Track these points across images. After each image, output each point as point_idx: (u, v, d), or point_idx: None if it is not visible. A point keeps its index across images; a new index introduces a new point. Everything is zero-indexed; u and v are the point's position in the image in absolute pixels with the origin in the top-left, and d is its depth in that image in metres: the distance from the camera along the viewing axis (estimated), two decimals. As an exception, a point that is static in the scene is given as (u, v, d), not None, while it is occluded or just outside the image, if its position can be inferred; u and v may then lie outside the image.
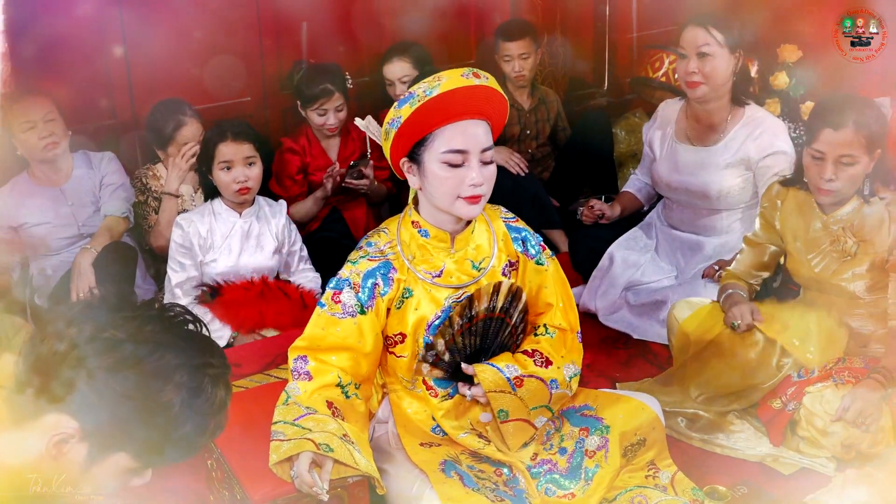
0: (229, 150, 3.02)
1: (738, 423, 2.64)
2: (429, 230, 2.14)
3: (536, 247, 2.26)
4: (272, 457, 1.95)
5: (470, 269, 2.17)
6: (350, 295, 2.10)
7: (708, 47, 2.99)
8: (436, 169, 2.04)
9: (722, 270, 2.92)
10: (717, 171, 3.09)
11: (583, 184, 3.99)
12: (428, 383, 2.21)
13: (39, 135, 3.14)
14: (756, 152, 3.03)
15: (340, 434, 1.97)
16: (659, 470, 2.30)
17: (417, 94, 1.99)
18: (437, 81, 1.99)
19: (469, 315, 2.11)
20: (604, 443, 2.19)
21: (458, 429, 2.23)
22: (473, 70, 2.01)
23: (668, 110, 3.31)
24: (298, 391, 2.07)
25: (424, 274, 2.13)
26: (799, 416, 2.51)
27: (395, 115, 2.03)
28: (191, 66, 3.51)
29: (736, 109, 3.10)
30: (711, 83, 3.02)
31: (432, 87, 1.98)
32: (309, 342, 2.12)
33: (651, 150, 3.34)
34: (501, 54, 3.89)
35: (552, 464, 2.19)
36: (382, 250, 2.14)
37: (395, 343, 2.18)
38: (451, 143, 2.02)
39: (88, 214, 3.30)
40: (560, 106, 4.13)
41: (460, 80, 1.98)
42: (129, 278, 3.10)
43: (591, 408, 2.26)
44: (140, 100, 3.50)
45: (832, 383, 2.49)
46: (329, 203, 3.63)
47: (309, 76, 3.50)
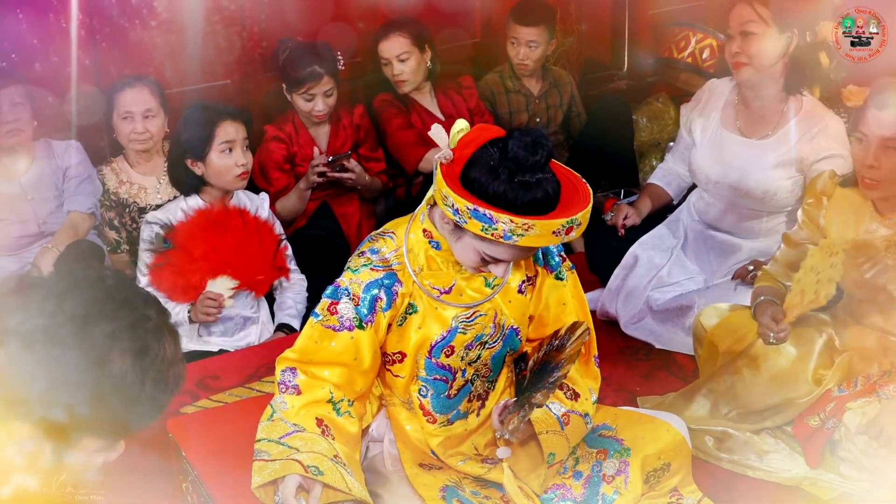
0: (232, 129, 3.02)
1: (772, 443, 2.64)
2: (441, 242, 2.10)
3: (557, 258, 2.26)
4: (255, 479, 1.95)
5: (482, 287, 2.15)
6: (348, 307, 2.08)
7: (753, 24, 2.97)
8: (469, 249, 2.01)
9: (756, 271, 2.92)
10: (765, 170, 3.05)
11: (600, 176, 3.99)
12: (426, 408, 2.21)
13: (2, 118, 3.11)
14: (811, 154, 3.00)
15: (331, 455, 1.97)
16: (682, 497, 2.29)
17: (496, 228, 1.88)
18: (525, 231, 1.89)
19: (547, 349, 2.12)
20: (623, 467, 2.18)
21: (457, 456, 2.23)
22: (569, 226, 1.91)
23: (715, 91, 3.24)
24: (285, 406, 2.07)
25: (431, 290, 2.12)
26: (839, 435, 2.51)
27: (464, 209, 1.90)
28: (163, 43, 3.51)
29: (792, 101, 3.08)
30: (756, 65, 3.01)
31: (515, 234, 1.89)
32: (300, 354, 2.11)
33: (690, 135, 3.27)
34: (510, 35, 3.89)
35: (566, 489, 2.19)
36: (387, 259, 2.10)
37: (394, 362, 2.17)
38: (498, 255, 1.99)
39: (50, 210, 3.28)
40: (574, 89, 4.13)
41: (550, 238, 1.91)
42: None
43: (610, 427, 2.25)
44: (106, 82, 3.49)
45: (876, 398, 2.49)
46: (318, 197, 3.63)
47: (295, 56, 3.49)
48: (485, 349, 2.19)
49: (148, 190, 3.34)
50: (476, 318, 2.14)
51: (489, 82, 4.03)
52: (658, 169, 3.53)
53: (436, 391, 2.19)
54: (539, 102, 4.01)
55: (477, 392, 2.25)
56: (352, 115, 3.69)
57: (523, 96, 4.00)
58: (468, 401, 2.24)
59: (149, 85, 3.30)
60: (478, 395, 2.26)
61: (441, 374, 2.17)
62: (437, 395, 2.19)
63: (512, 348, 2.24)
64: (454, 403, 2.22)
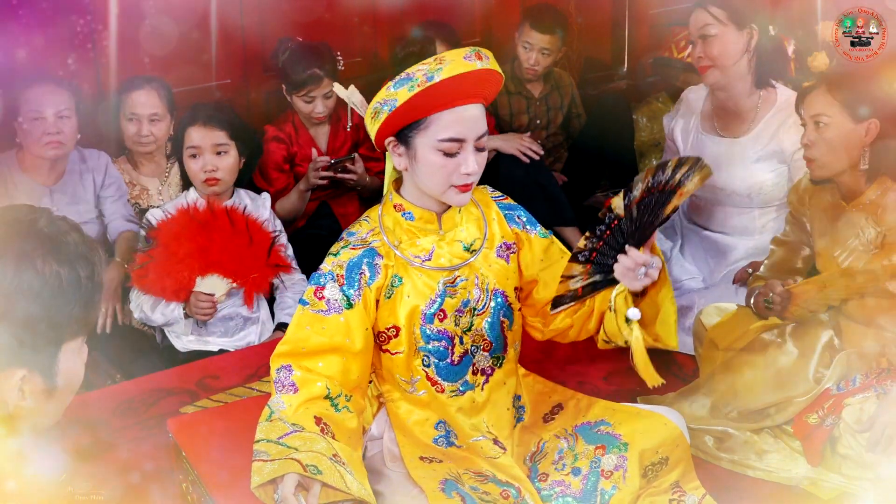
0: (198, 135, 3.06)
1: (772, 442, 2.64)
2: (413, 212, 2.17)
3: (533, 221, 2.32)
4: (254, 479, 1.95)
5: (461, 251, 2.20)
6: (334, 289, 2.12)
7: (710, 27, 3.03)
8: (429, 156, 2.08)
9: (755, 273, 2.93)
10: (748, 166, 3.10)
11: (600, 176, 4.00)
12: (433, 378, 2.22)
13: (45, 129, 3.07)
14: (790, 144, 3.03)
15: (330, 454, 1.97)
16: (685, 493, 2.29)
17: (417, 78, 2.02)
18: (439, 65, 2.01)
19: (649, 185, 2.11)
20: (622, 462, 2.19)
21: (475, 430, 2.24)
22: (476, 51, 2.04)
23: (692, 98, 3.32)
24: (283, 405, 2.08)
25: (413, 258, 2.16)
26: (839, 432, 2.51)
27: (390, 96, 2.05)
28: (163, 43, 3.52)
29: (766, 94, 3.11)
30: (721, 65, 3.05)
31: (433, 72, 2.01)
32: (292, 345, 2.13)
33: (674, 142, 3.34)
34: (522, 38, 3.89)
35: (565, 485, 2.19)
36: (365, 238, 2.17)
37: (389, 339, 2.19)
38: (449, 132, 2.06)
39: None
40: (575, 90, 4.14)
41: (463, 63, 2.01)
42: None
43: (608, 423, 2.25)
44: (106, 79, 3.49)
45: (874, 394, 2.49)
46: (317, 197, 3.63)
47: (295, 58, 3.50)
48: (475, 316, 2.22)
49: (150, 191, 3.36)
50: (460, 283, 2.18)
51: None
52: None
53: (438, 358, 2.21)
54: (540, 104, 4.02)
55: (480, 367, 2.27)
56: (351, 115, 3.70)
57: (524, 98, 4.00)
58: (472, 373, 2.26)
59: (157, 88, 3.31)
60: (481, 369, 2.27)
61: (439, 339, 2.20)
62: (440, 363, 2.22)
63: (506, 317, 2.26)
64: (460, 371, 2.24)
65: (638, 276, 2.07)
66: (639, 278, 2.07)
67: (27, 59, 3.11)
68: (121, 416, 2.67)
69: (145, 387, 2.81)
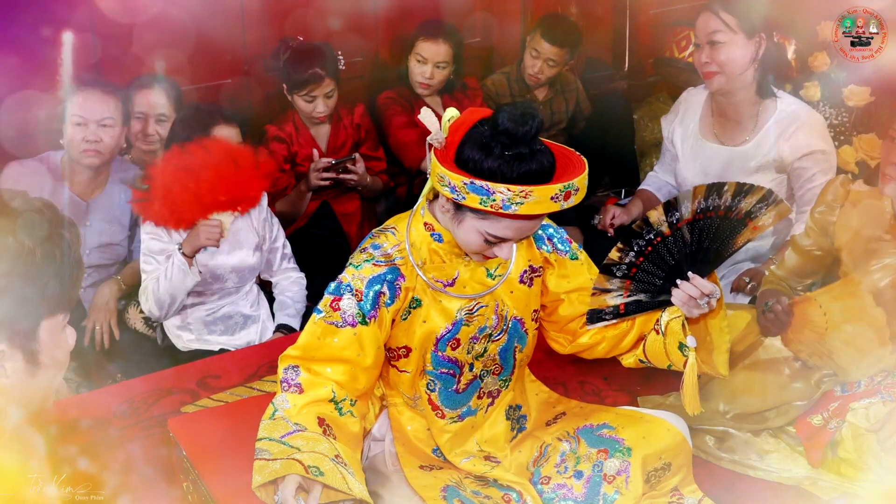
0: (223, 133, 3.00)
1: (773, 443, 2.64)
2: (443, 234, 2.11)
3: (564, 241, 2.26)
4: (255, 478, 1.95)
5: (484, 278, 2.16)
6: (351, 302, 2.08)
7: (720, 34, 2.98)
8: (472, 234, 2.02)
9: (753, 282, 2.92)
10: (747, 175, 3.05)
11: (601, 176, 3.99)
12: (434, 402, 2.21)
13: (85, 136, 3.03)
14: (790, 153, 3.01)
15: (332, 455, 1.97)
16: (683, 497, 2.29)
17: (494, 198, 1.89)
18: (523, 199, 1.89)
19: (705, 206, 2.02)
20: (625, 467, 2.18)
21: (462, 454, 2.23)
22: (566, 191, 1.92)
23: (692, 101, 3.28)
24: (287, 405, 2.07)
25: (434, 283, 2.12)
26: (841, 436, 2.51)
27: (461, 189, 1.91)
28: (161, 42, 3.52)
29: (766, 103, 3.08)
30: (728, 73, 3.01)
31: (512, 203, 1.89)
32: (303, 351, 2.11)
33: (673, 145, 3.31)
34: (531, 45, 3.89)
35: (567, 489, 2.19)
36: (389, 254, 2.10)
37: (399, 357, 2.18)
38: (501, 233, 2.00)
39: (99, 243, 3.17)
40: (581, 95, 4.13)
41: (548, 204, 1.91)
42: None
43: (610, 427, 2.25)
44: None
45: (879, 399, 2.49)
46: (318, 197, 3.63)
47: (296, 58, 3.50)
48: (490, 342, 2.20)
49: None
50: (478, 310, 2.15)
51: (495, 83, 4.04)
52: (648, 177, 3.55)
53: (443, 385, 2.20)
54: (543, 109, 4.01)
55: (487, 389, 2.26)
56: (352, 114, 3.70)
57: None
58: (478, 397, 2.25)
59: (166, 88, 3.30)
60: (488, 391, 2.27)
61: (448, 367, 2.18)
62: (444, 390, 2.20)
63: (519, 342, 2.24)
64: (463, 399, 2.23)
65: (701, 305, 2.04)
66: (700, 307, 2.04)
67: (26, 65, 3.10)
68: (121, 416, 2.66)
69: (146, 386, 2.81)
